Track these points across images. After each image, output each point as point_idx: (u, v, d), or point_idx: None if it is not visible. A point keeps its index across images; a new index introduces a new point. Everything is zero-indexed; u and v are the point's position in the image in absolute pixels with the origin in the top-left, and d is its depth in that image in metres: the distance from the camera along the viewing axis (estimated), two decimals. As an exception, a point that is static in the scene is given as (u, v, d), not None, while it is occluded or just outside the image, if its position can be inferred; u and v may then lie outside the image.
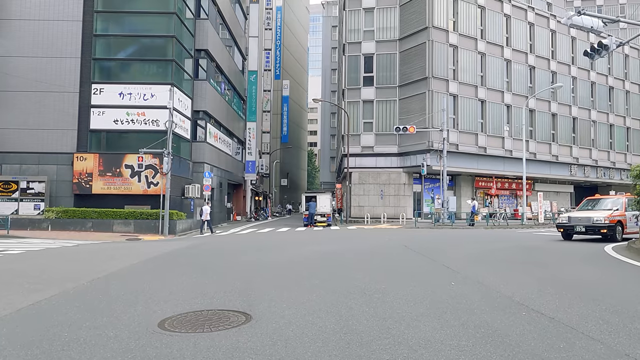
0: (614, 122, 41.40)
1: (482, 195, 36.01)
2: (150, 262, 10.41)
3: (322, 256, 10.89)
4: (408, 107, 32.37)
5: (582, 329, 4.55)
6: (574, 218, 15.08)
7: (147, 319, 5.14)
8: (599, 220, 14.22)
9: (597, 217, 14.39)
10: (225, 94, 36.15)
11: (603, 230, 14.08)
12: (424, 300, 5.93)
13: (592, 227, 14.29)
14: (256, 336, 4.43)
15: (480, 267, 8.87)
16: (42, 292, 6.77)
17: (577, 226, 14.68)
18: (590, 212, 15.15)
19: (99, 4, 26.07)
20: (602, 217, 14.28)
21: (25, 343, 4.34)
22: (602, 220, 14.17)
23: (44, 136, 25.06)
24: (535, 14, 36.85)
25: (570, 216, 15.41)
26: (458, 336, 4.35)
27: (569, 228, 15.01)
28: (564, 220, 15.46)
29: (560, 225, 15.49)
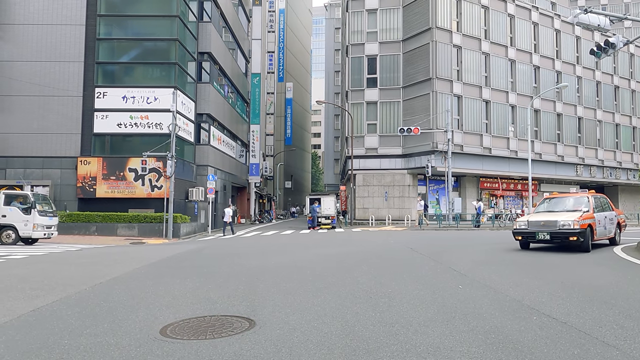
0: (620, 122, 41.08)
1: (487, 196, 35.78)
2: (153, 266, 10.32)
3: (326, 259, 10.76)
4: (412, 108, 32.23)
5: (596, 334, 4.40)
6: (534, 223, 11.72)
7: (148, 325, 5.04)
8: (566, 225, 11.20)
9: (564, 220, 11.30)
10: (229, 97, 36.13)
11: (572, 238, 11.05)
12: (431, 304, 5.80)
13: (558, 234, 11.23)
14: (260, 343, 4.32)
15: (487, 269, 8.72)
16: (43, 297, 6.68)
17: (538, 233, 11.48)
18: (553, 214, 12.05)
19: (101, 8, 26.13)
20: (570, 220, 11.24)
21: (25, 351, 4.24)
22: (571, 224, 11.15)
23: (48, 140, 25.10)
24: (539, 14, 36.64)
25: (530, 220, 11.89)
26: (468, 342, 4.22)
27: (528, 235, 11.79)
28: (522, 225, 11.98)
29: (518, 231, 12.01)
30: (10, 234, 17.83)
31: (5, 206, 17.84)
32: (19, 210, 17.91)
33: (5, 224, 17.81)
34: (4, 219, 17.82)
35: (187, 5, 28.09)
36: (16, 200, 18.18)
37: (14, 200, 18.15)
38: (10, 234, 17.84)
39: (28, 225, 17.87)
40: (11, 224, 17.81)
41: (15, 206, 17.96)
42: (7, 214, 17.84)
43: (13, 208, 17.91)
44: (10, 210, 17.87)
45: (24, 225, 17.82)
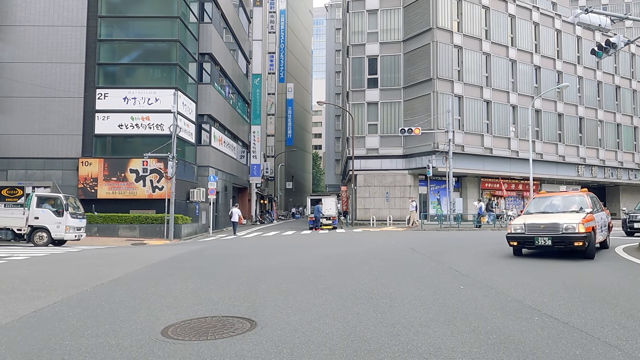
0: (621, 122, 41.04)
1: (488, 197, 35.75)
2: (154, 267, 10.33)
3: (327, 260, 10.76)
4: (413, 108, 32.22)
5: (598, 335, 4.40)
6: (532, 226, 10.18)
7: (150, 326, 5.04)
8: (570, 228, 9.71)
9: (568, 223, 9.82)
10: (230, 98, 36.15)
11: (578, 243, 9.60)
12: (432, 304, 5.80)
13: (561, 239, 9.72)
14: (261, 344, 4.32)
15: (489, 270, 8.71)
16: (44, 298, 6.69)
17: (538, 237, 9.96)
18: (551, 215, 10.63)
19: (102, 9, 26.17)
20: (574, 222, 9.78)
21: (26, 352, 4.24)
22: (576, 227, 9.67)
23: (49, 141, 25.13)
24: (540, 14, 36.62)
25: (527, 223, 10.28)
26: (469, 343, 4.21)
27: (525, 240, 10.29)
28: (518, 229, 10.42)
29: (514, 236, 10.49)
30: (42, 236, 17.92)
31: (37, 208, 17.98)
32: (51, 212, 18.05)
33: (38, 225, 17.90)
34: (36, 221, 17.91)
35: (187, 6, 28.12)
36: (48, 202, 18.36)
37: (45, 202, 18.33)
38: (43, 235, 17.93)
39: (60, 227, 17.99)
40: (44, 226, 17.91)
41: (47, 208, 18.11)
42: (40, 216, 17.96)
43: (45, 210, 18.05)
44: (42, 212, 18.00)
45: (56, 227, 17.94)
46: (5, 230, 17.79)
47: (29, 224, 17.86)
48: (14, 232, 17.88)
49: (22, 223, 17.84)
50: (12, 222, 17.85)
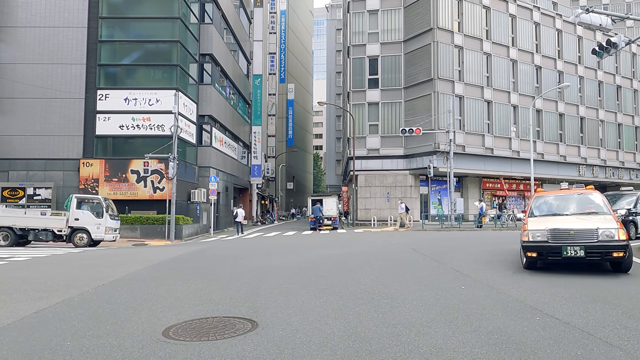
0: (622, 122, 40.99)
1: (489, 197, 35.73)
2: (155, 267, 10.33)
3: (328, 260, 10.76)
4: (414, 108, 32.21)
5: (600, 335, 4.39)
6: (558, 232, 7.95)
7: (151, 327, 5.04)
8: (609, 235, 7.77)
9: (605, 228, 7.86)
10: (230, 98, 36.18)
11: (618, 253, 7.71)
12: (434, 305, 5.79)
13: (597, 248, 7.74)
14: (262, 344, 4.32)
15: (490, 270, 8.70)
16: (46, 299, 6.69)
17: (567, 247, 7.79)
18: (570, 219, 8.60)
19: (103, 10, 26.20)
20: (612, 227, 7.88)
21: (28, 353, 4.25)
22: (615, 233, 7.78)
23: (50, 142, 25.17)
24: (540, 14, 36.60)
25: (552, 228, 8.01)
26: (471, 343, 4.21)
27: (550, 251, 7.95)
28: (538, 235, 8.07)
29: (534, 246, 8.09)
30: (83, 237, 18.31)
31: (77, 210, 18.39)
32: (90, 213, 18.45)
33: (78, 226, 18.32)
34: (76, 222, 18.32)
35: (188, 7, 28.15)
36: (87, 204, 18.79)
37: (85, 204, 18.77)
38: (83, 236, 18.32)
39: (100, 228, 18.42)
40: (84, 227, 18.33)
41: (86, 209, 18.47)
42: (80, 217, 18.38)
43: (85, 211, 18.48)
44: (82, 213, 18.41)
45: (96, 229, 18.36)
46: (46, 232, 18.20)
47: (69, 225, 18.28)
48: (54, 233, 18.28)
49: (62, 224, 18.28)
50: (53, 223, 18.34)
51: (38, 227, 18.27)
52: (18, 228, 18.09)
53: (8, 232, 18.00)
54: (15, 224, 18.11)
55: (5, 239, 17.95)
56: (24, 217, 18.55)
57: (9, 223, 18.07)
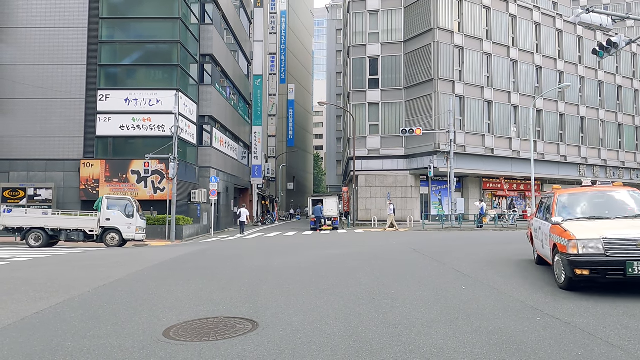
0: (622, 122, 40.96)
1: (490, 197, 35.71)
2: (156, 268, 10.34)
3: (329, 260, 10.76)
4: (414, 109, 32.20)
5: (600, 335, 4.39)
6: (621, 242, 6.14)
7: (152, 327, 5.04)
8: None
9: None
10: (231, 99, 36.19)
11: None
12: (434, 305, 5.79)
13: None
14: (263, 345, 4.32)
15: (491, 270, 8.70)
16: (46, 300, 6.70)
17: (635, 262, 5.96)
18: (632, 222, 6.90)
19: (104, 11, 26.21)
20: None
21: (28, 353, 4.25)
22: None
23: (51, 143, 25.18)
24: (541, 14, 36.58)
25: (612, 239, 6.18)
26: (472, 343, 4.20)
27: (610, 267, 6.10)
28: (592, 248, 6.22)
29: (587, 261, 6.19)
30: (114, 237, 18.63)
31: (108, 210, 18.70)
32: (121, 213, 18.75)
33: (110, 227, 18.63)
34: (108, 222, 18.64)
35: (188, 7, 28.16)
36: (117, 204, 19.06)
37: (115, 204, 19.03)
38: (115, 236, 18.63)
39: (131, 228, 18.75)
40: (115, 227, 18.63)
41: (117, 210, 18.70)
42: (111, 218, 18.69)
43: (116, 212, 18.76)
44: (114, 214, 18.71)
45: (127, 228, 18.68)
46: (78, 232, 18.46)
47: (101, 226, 18.57)
48: (85, 233, 18.54)
49: (94, 225, 18.56)
50: (85, 224, 18.60)
51: (70, 228, 18.47)
52: (50, 229, 18.27)
53: (40, 233, 18.16)
54: (47, 225, 18.30)
55: (37, 240, 18.13)
56: (56, 217, 18.71)
57: (41, 224, 18.25)
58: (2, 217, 18.17)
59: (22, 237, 18.18)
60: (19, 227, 18.15)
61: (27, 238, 18.06)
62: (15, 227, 18.19)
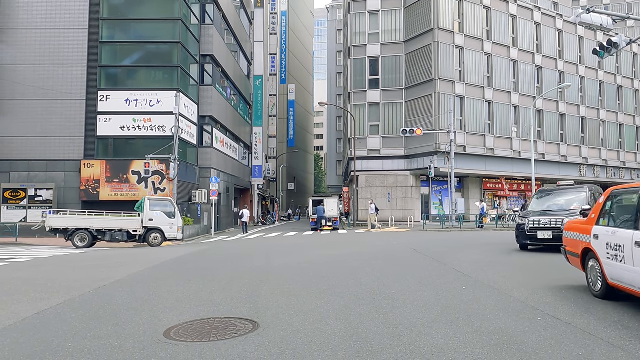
0: (623, 122, 40.94)
1: (490, 197, 35.70)
2: (156, 268, 10.34)
3: (329, 261, 10.76)
4: (414, 109, 32.20)
5: (601, 335, 4.38)
6: None
7: (152, 328, 5.04)
8: None
9: None
10: (231, 99, 36.19)
11: None
12: (435, 305, 5.79)
13: None
14: (263, 345, 4.32)
15: (491, 270, 8.69)
16: (47, 300, 6.70)
17: None
18: None
19: (104, 12, 26.22)
20: None
21: (29, 354, 4.25)
22: None
23: (52, 143, 25.19)
24: (541, 14, 36.57)
25: None
26: (472, 343, 4.20)
27: None
28: None
29: None
30: (157, 236, 19.15)
31: (151, 211, 19.18)
32: (163, 214, 19.34)
33: (153, 227, 19.14)
34: (151, 223, 19.11)
35: (189, 8, 28.17)
36: (159, 205, 19.67)
37: (157, 205, 19.62)
38: (158, 236, 19.16)
39: (173, 228, 19.39)
40: (158, 227, 19.18)
41: (159, 210, 19.35)
42: (154, 218, 19.19)
43: (158, 212, 19.30)
44: (156, 214, 19.24)
45: (169, 228, 19.31)
46: (122, 232, 18.83)
47: (144, 226, 19.01)
48: (129, 233, 18.92)
49: (137, 225, 18.98)
50: (129, 224, 19.01)
51: (114, 228, 18.83)
52: (95, 229, 18.56)
53: (85, 233, 18.42)
54: (92, 226, 18.60)
55: (82, 241, 18.35)
56: (101, 218, 19.08)
57: (86, 225, 18.55)
58: (48, 219, 18.52)
59: (67, 238, 18.46)
60: (65, 228, 18.42)
61: (72, 239, 18.32)
62: (61, 228, 18.44)
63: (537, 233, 11.57)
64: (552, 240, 11.16)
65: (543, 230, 11.51)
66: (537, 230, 11.59)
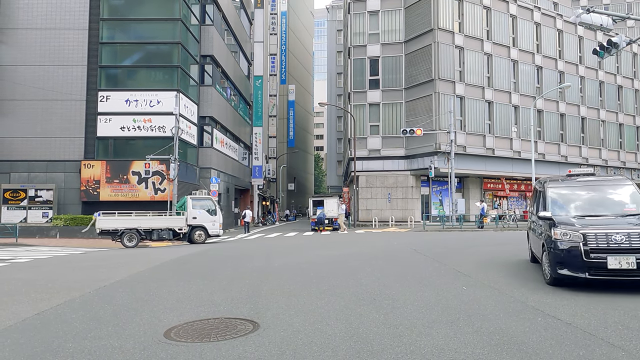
0: (623, 122, 40.93)
1: (490, 197, 35.70)
2: (157, 269, 10.34)
3: (330, 261, 10.76)
4: (415, 109, 32.20)
5: (602, 335, 4.38)
6: None
7: (153, 328, 5.04)
8: None
9: None
10: (231, 100, 36.19)
11: None
12: (435, 306, 5.78)
13: None
14: (263, 345, 4.32)
15: (491, 270, 8.69)
16: (47, 301, 6.70)
17: None
18: None
19: (104, 12, 26.23)
20: None
21: (30, 354, 4.25)
22: None
23: (52, 144, 25.20)
24: (541, 14, 36.57)
25: None
26: (472, 344, 4.20)
27: None
28: None
29: None
30: (201, 234, 19.90)
31: (194, 209, 19.91)
32: (205, 212, 20.06)
33: (197, 224, 19.83)
34: (194, 221, 19.82)
35: (189, 8, 28.18)
36: (201, 204, 20.30)
37: (199, 204, 20.26)
38: (201, 233, 19.90)
39: (215, 225, 20.18)
40: (202, 225, 19.90)
41: (201, 209, 20.04)
42: (197, 216, 19.93)
43: (201, 210, 20.03)
44: (199, 212, 19.98)
45: (212, 225, 20.06)
46: (168, 231, 19.36)
47: (189, 224, 19.65)
48: (174, 231, 19.48)
49: (182, 223, 19.58)
50: (174, 223, 19.60)
51: (161, 227, 19.34)
52: (142, 229, 18.97)
53: (134, 233, 18.82)
54: (140, 226, 19.03)
55: (131, 240, 18.74)
56: (149, 218, 19.62)
57: (135, 225, 18.98)
58: (98, 221, 18.87)
59: (116, 238, 18.83)
60: (114, 229, 18.81)
61: (122, 239, 18.70)
62: (111, 230, 18.82)
63: (608, 259, 6.27)
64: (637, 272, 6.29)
65: (619, 253, 6.31)
66: (606, 253, 6.33)
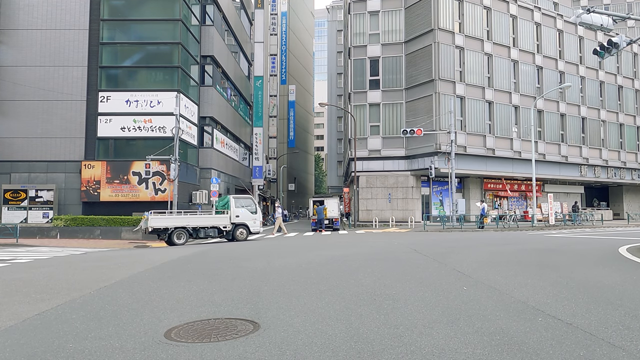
0: (623, 122, 40.94)
1: (491, 197, 35.70)
2: (157, 269, 10.34)
3: (330, 261, 10.75)
4: (415, 109, 32.21)
5: (602, 335, 4.38)
6: None
7: (153, 329, 5.04)
8: None
9: None
10: (232, 100, 36.21)
11: None
12: (435, 306, 5.78)
13: None
14: (264, 346, 4.32)
15: (492, 270, 8.69)
16: (48, 301, 6.70)
17: None
18: None
19: (105, 13, 26.26)
20: None
21: (30, 355, 4.25)
22: None
23: (52, 144, 25.22)
24: (541, 14, 36.58)
25: None
26: (473, 344, 4.20)
27: None
28: None
29: None
30: (243, 232, 20.85)
31: (237, 208, 20.90)
32: (247, 210, 21.05)
33: (239, 222, 20.79)
34: (237, 219, 20.78)
35: (189, 9, 28.20)
36: (242, 203, 21.30)
37: (241, 203, 21.26)
38: (243, 231, 20.85)
39: (256, 223, 21.21)
40: (244, 223, 20.87)
41: (243, 207, 21.01)
42: (240, 215, 20.89)
43: (242, 209, 21.00)
44: (241, 211, 20.96)
45: (253, 223, 21.07)
46: (214, 229, 20.23)
47: (232, 222, 20.55)
48: (219, 229, 20.36)
49: (226, 222, 20.48)
50: (220, 221, 20.45)
51: (207, 226, 20.12)
52: (191, 228, 19.74)
53: (183, 231, 19.53)
54: (189, 224, 19.79)
55: (179, 238, 19.41)
56: (196, 217, 20.45)
57: (183, 224, 19.70)
58: (150, 220, 19.21)
59: (165, 237, 19.40)
60: (165, 227, 19.40)
61: (171, 237, 19.34)
62: (162, 228, 19.40)
63: None
64: None
65: None
66: None
